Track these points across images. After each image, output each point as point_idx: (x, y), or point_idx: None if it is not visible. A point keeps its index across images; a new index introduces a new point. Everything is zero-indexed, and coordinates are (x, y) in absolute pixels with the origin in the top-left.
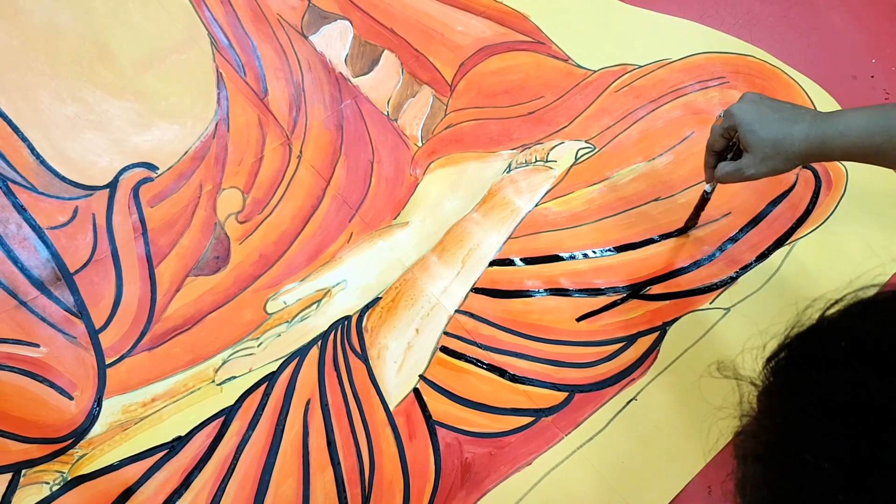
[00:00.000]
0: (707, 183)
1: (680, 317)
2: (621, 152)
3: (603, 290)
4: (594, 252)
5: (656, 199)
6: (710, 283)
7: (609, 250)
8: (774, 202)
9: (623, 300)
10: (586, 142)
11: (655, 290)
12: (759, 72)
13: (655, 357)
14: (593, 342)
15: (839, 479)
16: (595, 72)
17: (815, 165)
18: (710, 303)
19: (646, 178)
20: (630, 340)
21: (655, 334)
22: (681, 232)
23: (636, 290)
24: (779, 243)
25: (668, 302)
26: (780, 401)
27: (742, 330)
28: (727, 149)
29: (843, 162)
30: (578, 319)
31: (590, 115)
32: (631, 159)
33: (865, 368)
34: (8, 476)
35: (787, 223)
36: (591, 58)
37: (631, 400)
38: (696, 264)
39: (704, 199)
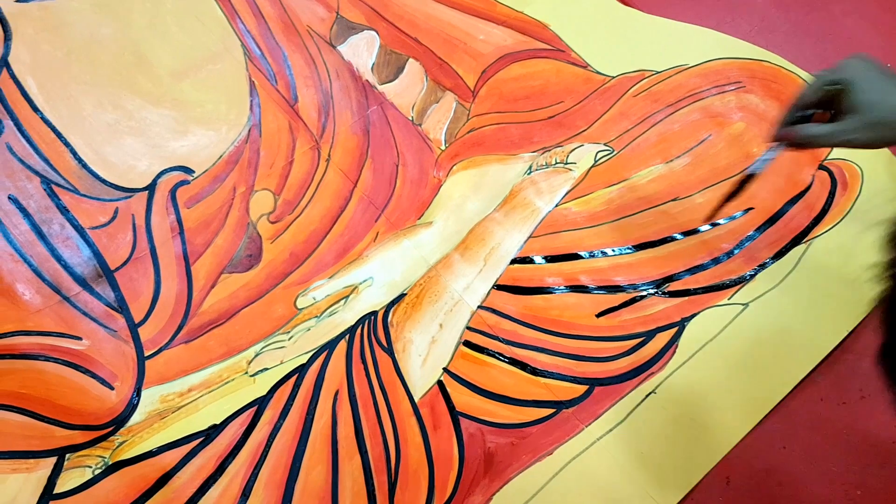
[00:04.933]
0: (772, 142)
1: (698, 312)
2: (639, 154)
3: (622, 286)
4: (613, 250)
5: (675, 199)
6: (728, 280)
7: (628, 248)
8: (792, 201)
9: (642, 297)
10: (605, 144)
11: (674, 286)
12: (775, 76)
13: (674, 352)
14: (613, 337)
15: None
16: (613, 77)
17: (830, 167)
18: (728, 299)
19: (664, 179)
20: (649, 336)
21: (674, 330)
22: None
23: (655, 287)
24: (795, 242)
25: (686, 298)
26: None
27: (760, 325)
28: (810, 109)
29: (860, 162)
30: (598, 315)
31: (608, 119)
32: (649, 161)
33: None
34: (53, 460)
35: (804, 222)
36: (610, 64)
37: (650, 393)
38: (715, 261)
39: (750, 177)
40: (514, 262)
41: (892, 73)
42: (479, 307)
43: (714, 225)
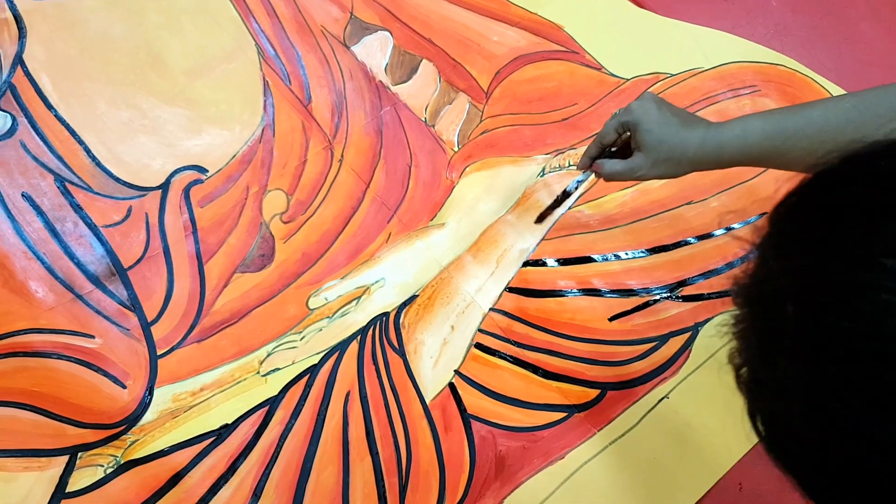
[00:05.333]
0: (580, 170)
1: (712, 317)
2: None
3: (635, 290)
4: (626, 254)
5: (689, 203)
6: None
7: (641, 252)
8: None
9: (655, 301)
10: None
11: (688, 291)
12: (790, 80)
13: (687, 357)
14: (626, 341)
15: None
16: (628, 80)
17: None
18: None
19: (678, 183)
20: (662, 340)
21: (687, 334)
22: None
23: (668, 291)
24: None
25: (700, 303)
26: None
27: None
28: (613, 144)
29: None
30: (611, 319)
31: None
32: None
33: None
34: (65, 458)
35: None
36: (624, 66)
37: (663, 398)
38: (729, 266)
39: (566, 194)
40: (526, 264)
41: (678, 112)
42: (490, 309)
43: (728, 229)
